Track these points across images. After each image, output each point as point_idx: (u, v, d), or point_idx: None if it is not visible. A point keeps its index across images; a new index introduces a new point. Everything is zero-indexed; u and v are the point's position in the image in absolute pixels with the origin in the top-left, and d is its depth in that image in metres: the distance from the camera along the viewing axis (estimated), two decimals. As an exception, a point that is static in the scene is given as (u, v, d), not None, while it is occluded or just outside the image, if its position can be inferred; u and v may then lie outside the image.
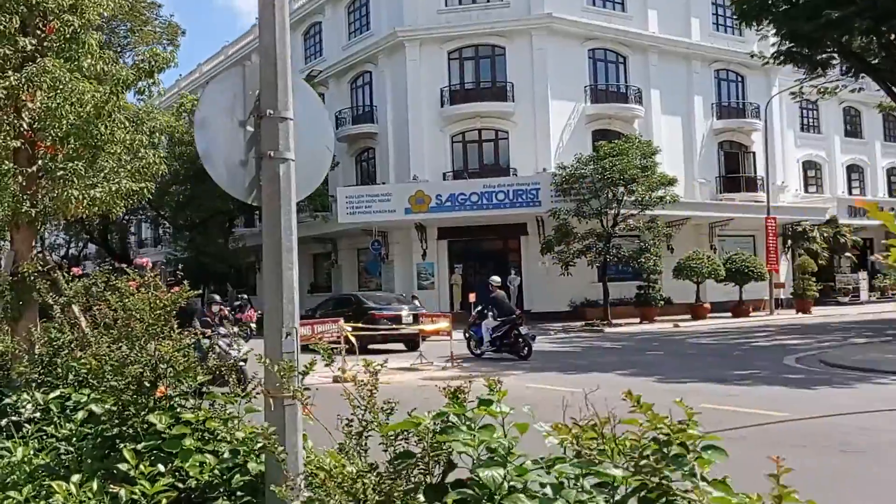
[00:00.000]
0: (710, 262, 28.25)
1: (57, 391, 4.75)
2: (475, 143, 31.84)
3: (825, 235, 34.64)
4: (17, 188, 6.48)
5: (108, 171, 7.05)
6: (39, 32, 6.78)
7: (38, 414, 4.66)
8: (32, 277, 6.19)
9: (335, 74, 35.16)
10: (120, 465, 3.29)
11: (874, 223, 37.91)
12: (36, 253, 6.83)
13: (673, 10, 33.82)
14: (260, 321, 6.40)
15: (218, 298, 13.61)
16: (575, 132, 31.25)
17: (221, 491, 3.17)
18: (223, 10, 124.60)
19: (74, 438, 4.09)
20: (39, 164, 6.78)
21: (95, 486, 3.21)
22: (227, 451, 3.35)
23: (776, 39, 23.62)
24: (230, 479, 3.18)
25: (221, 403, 3.59)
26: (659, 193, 26.70)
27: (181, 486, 3.20)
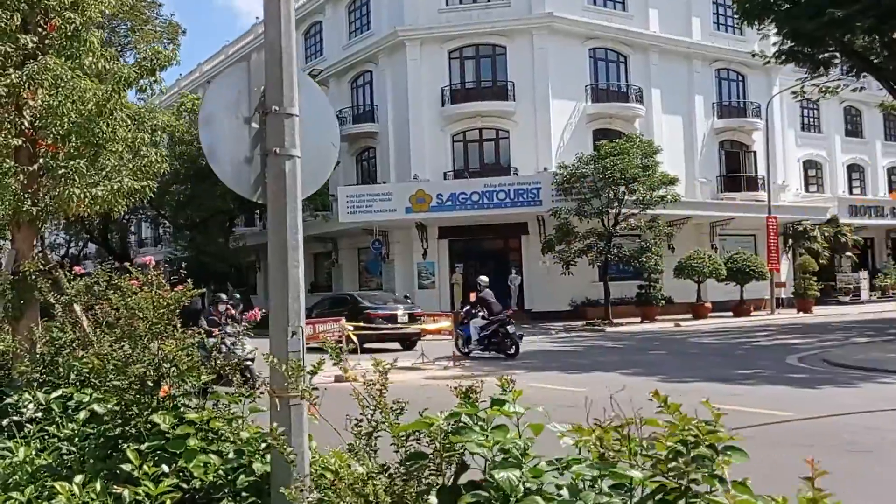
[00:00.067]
0: (711, 261, 28.22)
1: (59, 391, 4.72)
2: (476, 142, 31.81)
3: (826, 235, 34.61)
4: (18, 186, 6.45)
5: (109, 169, 7.01)
6: (41, 30, 6.74)
7: (39, 414, 4.63)
8: (34, 276, 6.16)
9: (336, 74, 35.12)
10: (123, 465, 3.26)
11: (875, 222, 38.20)
12: (37, 252, 6.79)
13: (674, 9, 33.79)
14: (260, 320, 6.37)
15: (224, 297, 13.57)
16: (576, 131, 31.22)
17: (226, 492, 3.14)
18: (223, 10, 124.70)
19: (77, 438, 4.06)
20: (41, 162, 6.75)
21: (98, 486, 3.18)
22: (231, 451, 3.32)
23: (777, 39, 23.60)
24: (235, 479, 3.15)
25: (225, 403, 3.55)
26: (660, 193, 26.66)
27: (185, 486, 3.17)
